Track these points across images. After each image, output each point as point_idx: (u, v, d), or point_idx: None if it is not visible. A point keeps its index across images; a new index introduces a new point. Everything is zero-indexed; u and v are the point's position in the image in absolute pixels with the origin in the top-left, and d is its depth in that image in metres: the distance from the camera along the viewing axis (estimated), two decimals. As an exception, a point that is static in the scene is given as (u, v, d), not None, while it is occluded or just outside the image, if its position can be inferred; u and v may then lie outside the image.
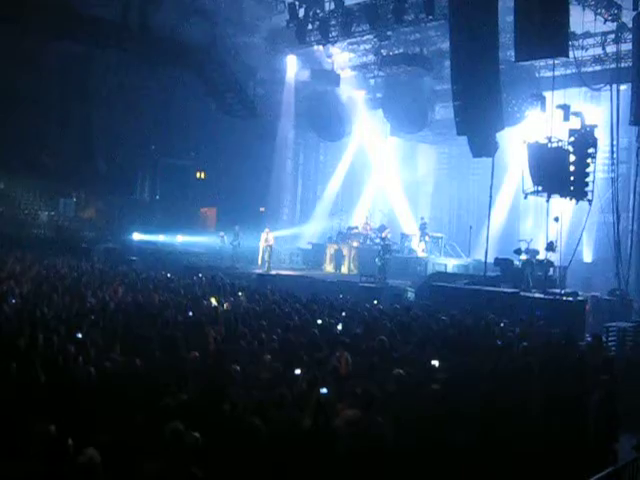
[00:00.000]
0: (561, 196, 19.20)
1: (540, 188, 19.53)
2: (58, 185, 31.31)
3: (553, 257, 20.24)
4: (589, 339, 15.03)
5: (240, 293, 18.89)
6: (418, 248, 27.78)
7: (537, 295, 18.81)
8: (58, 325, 11.21)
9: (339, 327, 13.81)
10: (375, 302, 18.56)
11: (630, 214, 22.58)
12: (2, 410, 6.48)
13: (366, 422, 7.06)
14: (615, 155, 21.42)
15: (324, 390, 8.01)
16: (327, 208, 33.25)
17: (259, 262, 27.32)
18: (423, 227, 28.24)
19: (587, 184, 19.08)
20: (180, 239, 31.20)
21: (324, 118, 29.85)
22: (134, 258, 27.71)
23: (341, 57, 29.37)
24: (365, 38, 27.76)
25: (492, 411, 7.83)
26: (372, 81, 30.71)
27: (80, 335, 10.21)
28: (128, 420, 6.60)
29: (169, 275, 22.73)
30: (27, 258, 23.01)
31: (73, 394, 7.26)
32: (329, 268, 28.38)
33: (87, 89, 29.82)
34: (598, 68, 23.07)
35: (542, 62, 23.59)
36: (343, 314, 15.80)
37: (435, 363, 10.12)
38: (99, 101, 30.05)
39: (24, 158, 28.27)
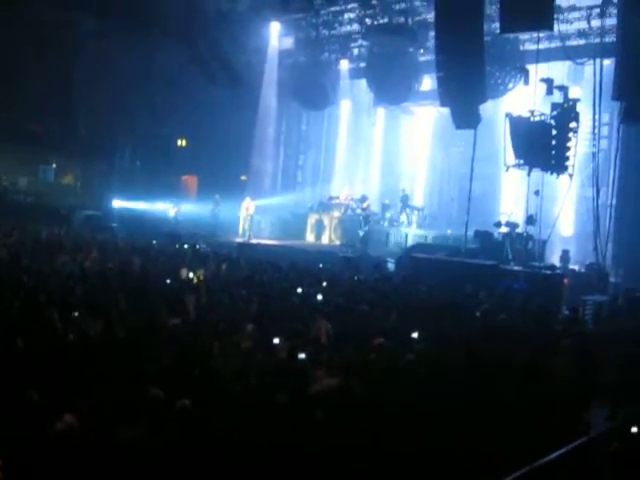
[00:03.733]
0: (542, 170, 19.25)
1: (522, 161, 19.58)
2: (37, 151, 30.92)
3: (533, 230, 20.36)
4: (566, 312, 15.22)
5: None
6: (404, 220, 27.77)
7: (516, 268, 18.95)
8: (38, 292, 11.18)
9: (319, 297, 13.88)
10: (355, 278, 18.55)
11: (610, 189, 22.61)
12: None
13: (344, 390, 7.13)
14: (597, 130, 21.43)
15: (302, 355, 8.10)
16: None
17: (240, 231, 27.29)
18: (404, 199, 28.20)
19: (568, 158, 19.13)
20: (160, 207, 30.96)
21: (307, 87, 29.55)
22: (114, 225, 27.58)
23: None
24: (350, 7, 27.47)
25: (466, 381, 7.94)
26: (356, 50, 30.42)
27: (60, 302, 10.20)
28: (107, 386, 6.61)
29: (153, 242, 22.75)
30: (6, 225, 22.78)
31: (53, 361, 7.26)
32: (310, 238, 28.35)
33: (67, 55, 29.30)
34: (582, 42, 22.92)
35: (527, 35, 23.44)
36: (324, 284, 15.87)
37: (414, 335, 10.23)
38: (79, 67, 29.55)
39: (3, 124, 27.85)
